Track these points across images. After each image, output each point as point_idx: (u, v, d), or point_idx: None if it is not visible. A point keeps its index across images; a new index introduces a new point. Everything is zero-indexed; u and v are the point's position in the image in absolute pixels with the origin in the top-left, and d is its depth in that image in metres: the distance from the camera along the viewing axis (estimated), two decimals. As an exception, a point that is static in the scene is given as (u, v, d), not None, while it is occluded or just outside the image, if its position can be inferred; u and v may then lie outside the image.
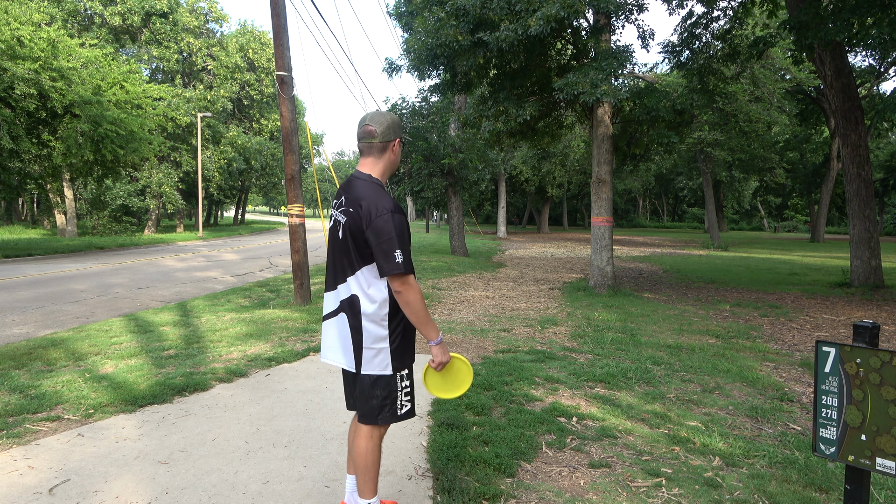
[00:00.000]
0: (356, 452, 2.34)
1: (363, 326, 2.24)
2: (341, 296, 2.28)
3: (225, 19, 35.58)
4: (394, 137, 2.32)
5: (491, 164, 22.82)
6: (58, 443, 3.33)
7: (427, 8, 10.36)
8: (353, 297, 2.24)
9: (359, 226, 2.17)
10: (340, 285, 2.29)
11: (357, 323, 2.24)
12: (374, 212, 2.14)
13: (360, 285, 2.24)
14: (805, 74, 20.52)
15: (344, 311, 2.27)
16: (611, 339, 6.26)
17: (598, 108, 10.11)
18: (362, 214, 2.16)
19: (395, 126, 2.32)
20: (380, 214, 2.13)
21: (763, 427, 3.76)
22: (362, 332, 2.24)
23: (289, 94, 8.40)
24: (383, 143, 2.30)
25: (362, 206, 2.17)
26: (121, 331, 6.44)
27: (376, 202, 2.16)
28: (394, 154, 2.34)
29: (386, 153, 2.32)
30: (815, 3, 8.98)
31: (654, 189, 60.18)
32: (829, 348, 1.92)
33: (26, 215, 45.02)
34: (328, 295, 2.36)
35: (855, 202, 10.51)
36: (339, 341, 2.31)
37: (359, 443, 2.34)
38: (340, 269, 2.29)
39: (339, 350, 2.31)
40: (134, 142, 18.01)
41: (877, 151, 38.75)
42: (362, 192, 2.22)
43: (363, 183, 2.27)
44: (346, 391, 2.48)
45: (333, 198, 2.44)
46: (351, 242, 2.21)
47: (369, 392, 2.27)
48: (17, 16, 15.96)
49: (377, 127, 2.28)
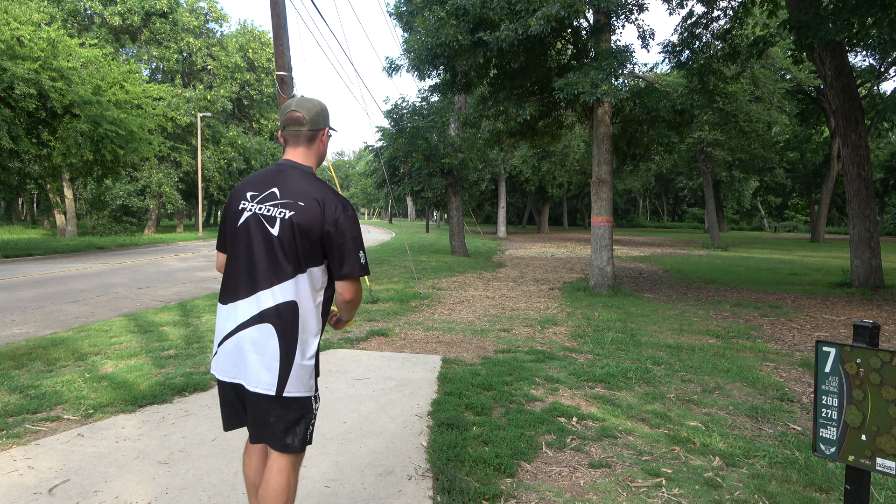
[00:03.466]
0: (272, 491, 1.96)
1: (300, 339, 1.94)
2: (265, 304, 1.92)
3: (225, 19, 35.60)
4: (323, 126, 2.08)
5: (491, 164, 22.84)
6: (58, 443, 3.33)
7: (427, 7, 10.36)
8: (288, 305, 1.92)
9: (315, 222, 1.91)
10: (264, 291, 1.93)
11: (292, 335, 1.93)
12: (338, 207, 1.93)
13: (301, 290, 1.93)
14: (805, 74, 20.53)
15: (269, 322, 1.92)
16: (611, 339, 6.26)
17: (598, 108, 10.11)
18: (322, 210, 1.92)
19: (324, 113, 2.07)
20: (345, 211, 1.94)
21: (763, 427, 3.76)
22: (296, 345, 1.93)
23: (289, 94, 8.40)
24: (312, 132, 2.05)
25: (319, 200, 1.92)
26: (121, 331, 6.44)
27: (335, 197, 1.96)
28: (322, 144, 2.09)
29: (315, 143, 2.08)
30: (815, 3, 8.98)
31: (654, 189, 60.17)
32: (830, 348, 1.91)
33: (26, 215, 45.02)
34: (239, 304, 1.96)
35: (855, 202, 10.51)
36: (257, 358, 1.92)
37: (277, 479, 1.96)
38: (265, 271, 1.93)
39: (254, 369, 1.92)
40: (134, 142, 18.01)
41: (877, 151, 38.73)
42: (308, 184, 1.97)
43: (303, 174, 2.01)
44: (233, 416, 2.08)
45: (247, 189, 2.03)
46: (297, 240, 1.91)
47: (287, 416, 1.96)
48: (17, 16, 15.97)
49: (305, 113, 2.03)
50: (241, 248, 1.99)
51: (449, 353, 5.67)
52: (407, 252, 17.57)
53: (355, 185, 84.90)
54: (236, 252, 2.01)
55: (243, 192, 2.04)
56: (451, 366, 5.09)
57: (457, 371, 4.89)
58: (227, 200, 2.09)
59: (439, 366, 5.11)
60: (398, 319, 7.50)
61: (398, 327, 6.93)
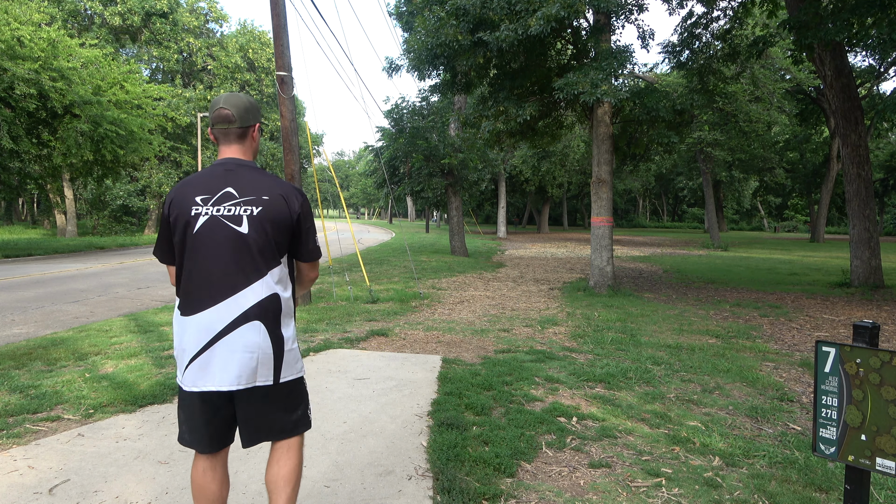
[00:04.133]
0: (289, 472, 2.06)
1: (282, 326, 2.00)
2: (246, 302, 1.92)
3: (225, 19, 35.58)
4: (253, 122, 2.06)
5: (491, 164, 22.81)
6: (58, 443, 3.33)
7: (427, 7, 10.36)
8: (270, 298, 1.96)
9: (283, 214, 1.96)
10: (243, 291, 1.92)
11: (277, 326, 1.98)
12: (297, 198, 2.01)
13: (277, 282, 1.99)
14: (805, 74, 20.52)
15: (257, 319, 1.93)
16: (611, 339, 6.26)
17: (598, 108, 10.12)
18: (287, 202, 1.97)
19: (253, 109, 2.06)
20: (304, 200, 2.03)
21: (763, 427, 3.76)
22: (283, 335, 1.99)
23: (289, 94, 8.40)
24: (242, 129, 2.04)
25: (282, 194, 1.98)
26: (121, 330, 6.44)
27: (293, 189, 2.03)
28: (254, 140, 2.09)
29: (246, 139, 2.07)
30: (814, 3, 8.98)
31: (654, 189, 60.19)
32: (829, 348, 1.92)
33: (26, 215, 45.02)
34: (213, 311, 1.91)
35: (855, 202, 10.51)
36: (249, 357, 1.92)
37: (289, 459, 2.06)
38: (238, 271, 1.93)
39: (249, 368, 1.93)
40: (134, 142, 18.02)
41: (877, 151, 38.73)
42: (265, 179, 2.01)
43: (254, 170, 2.03)
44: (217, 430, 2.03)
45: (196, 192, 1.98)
46: (271, 233, 1.95)
47: (288, 400, 2.05)
48: (17, 16, 15.97)
49: (233, 110, 2.01)
50: (202, 253, 1.93)
51: (449, 353, 5.67)
52: (407, 252, 17.57)
53: (355, 185, 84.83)
54: (196, 259, 1.94)
55: (190, 196, 1.97)
56: (451, 366, 5.09)
57: (457, 371, 4.89)
58: (168, 208, 1.99)
59: (439, 366, 5.11)
60: (398, 319, 7.50)
61: (398, 327, 6.93)
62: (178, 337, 1.99)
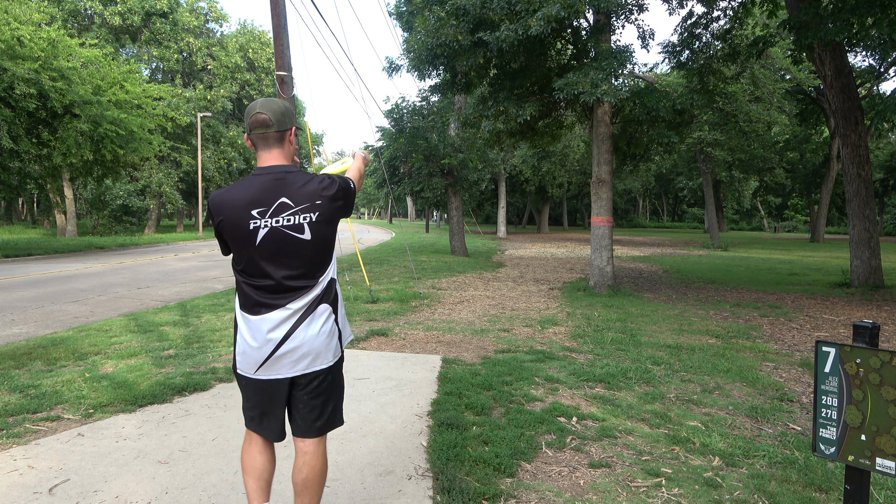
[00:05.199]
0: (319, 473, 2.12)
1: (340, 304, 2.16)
2: (313, 293, 2.05)
3: (225, 19, 35.60)
4: (289, 125, 2.10)
5: (491, 164, 22.82)
6: (58, 443, 3.33)
7: (427, 7, 10.36)
8: (331, 282, 2.12)
9: (336, 211, 2.08)
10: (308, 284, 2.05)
11: (337, 305, 2.14)
12: (336, 181, 2.09)
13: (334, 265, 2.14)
14: (805, 74, 20.54)
15: (324, 302, 2.07)
16: (611, 339, 6.26)
17: (598, 108, 10.12)
18: (335, 199, 2.06)
19: (289, 114, 2.11)
20: (333, 183, 2.08)
21: (763, 427, 3.76)
22: (339, 311, 2.15)
23: (289, 94, 8.40)
24: (279, 133, 2.07)
25: (330, 195, 2.05)
26: (121, 330, 6.44)
27: (329, 181, 2.08)
28: (291, 144, 2.13)
29: (284, 143, 2.10)
30: (814, 3, 8.98)
31: (654, 189, 60.20)
32: (829, 348, 1.92)
33: (26, 215, 45.03)
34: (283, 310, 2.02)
35: (855, 202, 10.51)
36: (318, 341, 2.06)
37: (319, 460, 2.12)
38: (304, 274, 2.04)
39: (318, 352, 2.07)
40: (134, 142, 18.01)
41: (877, 151, 38.74)
42: (310, 183, 2.04)
43: (300, 175, 2.06)
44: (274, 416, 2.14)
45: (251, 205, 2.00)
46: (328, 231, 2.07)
47: (333, 385, 2.15)
48: (17, 16, 15.96)
49: (270, 115, 2.05)
50: (265, 262, 2.01)
51: (449, 352, 5.67)
52: (407, 252, 17.57)
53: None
54: (258, 266, 2.02)
55: (243, 208, 1.99)
56: (451, 366, 5.09)
57: (457, 371, 4.89)
58: (224, 220, 2.00)
59: (439, 366, 5.11)
60: (398, 319, 7.50)
61: (398, 327, 6.93)
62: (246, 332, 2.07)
